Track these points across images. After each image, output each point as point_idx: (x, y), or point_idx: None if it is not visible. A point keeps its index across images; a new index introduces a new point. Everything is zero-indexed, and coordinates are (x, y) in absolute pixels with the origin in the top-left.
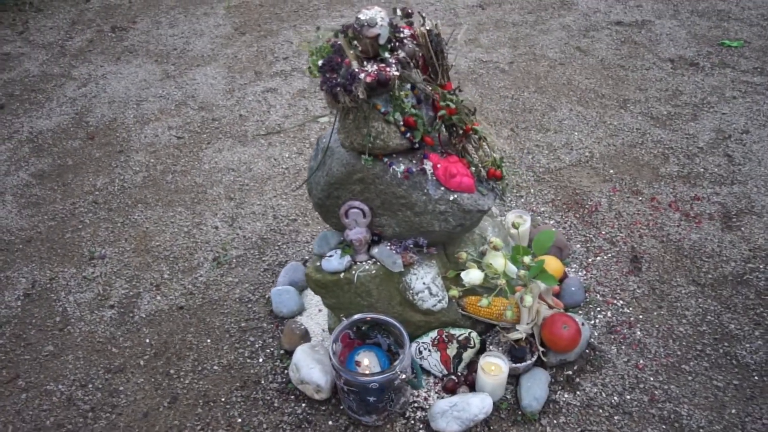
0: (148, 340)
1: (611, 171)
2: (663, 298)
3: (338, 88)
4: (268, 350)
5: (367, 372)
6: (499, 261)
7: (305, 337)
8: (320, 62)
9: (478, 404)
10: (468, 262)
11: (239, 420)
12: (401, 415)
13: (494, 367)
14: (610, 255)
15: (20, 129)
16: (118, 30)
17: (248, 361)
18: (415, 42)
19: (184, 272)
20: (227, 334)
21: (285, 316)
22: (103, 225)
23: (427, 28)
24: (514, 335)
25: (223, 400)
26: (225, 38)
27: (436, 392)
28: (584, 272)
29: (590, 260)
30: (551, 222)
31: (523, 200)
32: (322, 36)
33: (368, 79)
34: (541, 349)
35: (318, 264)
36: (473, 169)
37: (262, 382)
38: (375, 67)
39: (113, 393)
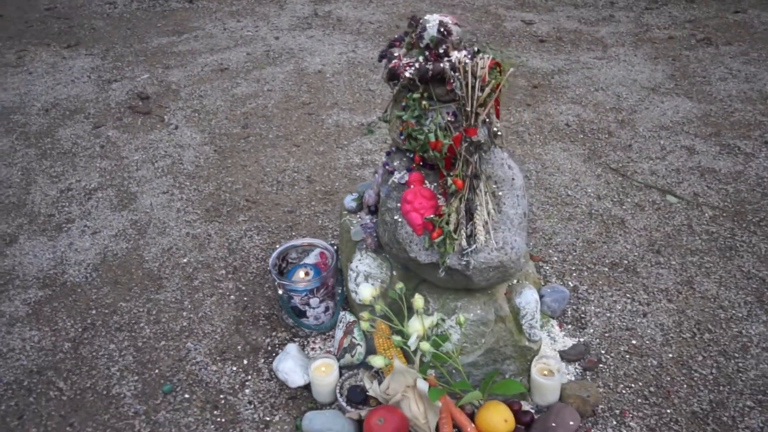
0: (304, 192)
1: None
2: None
3: (383, 60)
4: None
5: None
6: (415, 325)
7: None
8: (396, 36)
9: (299, 382)
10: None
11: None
12: (293, 322)
13: (324, 369)
14: None
15: None
16: None
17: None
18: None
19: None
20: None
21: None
22: None
23: (467, 58)
24: (367, 384)
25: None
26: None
27: (323, 350)
28: None
29: None
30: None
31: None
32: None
33: (389, 65)
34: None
35: None
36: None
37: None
38: (406, 60)
39: (282, 187)
